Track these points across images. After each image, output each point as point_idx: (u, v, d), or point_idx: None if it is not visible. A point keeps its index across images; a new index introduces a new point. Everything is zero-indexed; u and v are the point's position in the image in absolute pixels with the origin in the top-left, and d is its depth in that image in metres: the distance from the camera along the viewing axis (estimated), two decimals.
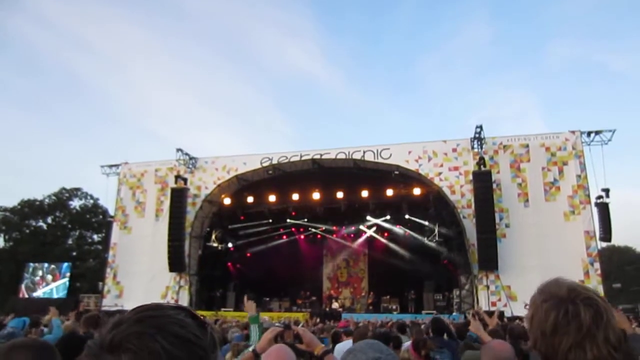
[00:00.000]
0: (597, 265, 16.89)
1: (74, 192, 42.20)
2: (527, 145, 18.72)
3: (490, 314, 11.14)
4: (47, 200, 40.49)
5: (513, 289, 16.83)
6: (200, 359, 0.80)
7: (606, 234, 17.35)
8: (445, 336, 5.75)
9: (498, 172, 18.49)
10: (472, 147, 18.92)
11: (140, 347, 0.75)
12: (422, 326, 7.57)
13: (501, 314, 10.44)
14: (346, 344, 4.88)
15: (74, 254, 38.62)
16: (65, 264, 25.53)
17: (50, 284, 24.24)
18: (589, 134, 18.30)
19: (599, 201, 17.56)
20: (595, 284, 16.46)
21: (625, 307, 23.25)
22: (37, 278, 24.59)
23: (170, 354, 0.75)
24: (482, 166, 17.65)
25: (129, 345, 0.75)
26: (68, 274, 24.78)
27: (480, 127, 18.31)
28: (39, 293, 24.09)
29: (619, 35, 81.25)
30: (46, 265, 25.35)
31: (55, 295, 23.45)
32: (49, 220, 40.92)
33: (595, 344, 1.34)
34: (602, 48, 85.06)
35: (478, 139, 18.63)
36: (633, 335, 3.26)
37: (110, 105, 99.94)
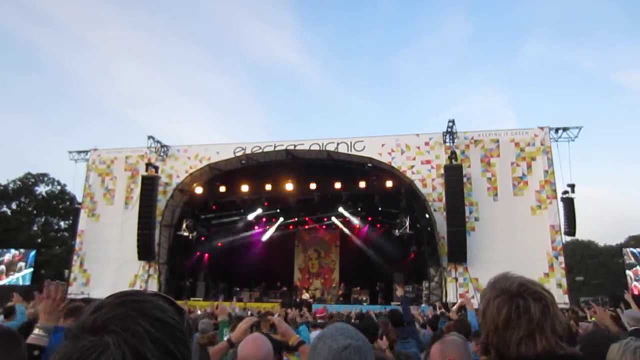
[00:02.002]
0: (561, 258, 17.30)
1: (40, 178, 41.07)
2: (498, 141, 19.01)
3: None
4: (11, 185, 39.30)
5: (481, 281, 17.12)
6: (180, 342, 0.83)
7: (571, 228, 17.81)
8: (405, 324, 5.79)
9: (469, 167, 18.76)
10: (444, 141, 19.10)
11: (123, 329, 0.76)
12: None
13: (460, 307, 10.60)
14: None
15: (39, 240, 37.69)
16: (32, 252, 24.88)
17: (17, 272, 23.62)
18: (556, 130, 18.70)
19: (564, 196, 17.97)
20: (560, 276, 16.97)
21: (587, 299, 24.01)
22: (2, 265, 23.90)
23: (152, 336, 0.78)
24: (453, 160, 17.87)
25: (113, 327, 0.77)
26: (33, 263, 24.19)
27: (453, 121, 18.53)
28: (4, 281, 23.44)
29: (590, 35, 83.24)
30: (12, 251, 24.65)
31: (21, 283, 22.84)
32: (14, 205, 39.75)
33: (544, 336, 1.43)
34: (574, 47, 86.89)
35: (450, 133, 18.83)
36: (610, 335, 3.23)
37: (80, 90, 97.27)
